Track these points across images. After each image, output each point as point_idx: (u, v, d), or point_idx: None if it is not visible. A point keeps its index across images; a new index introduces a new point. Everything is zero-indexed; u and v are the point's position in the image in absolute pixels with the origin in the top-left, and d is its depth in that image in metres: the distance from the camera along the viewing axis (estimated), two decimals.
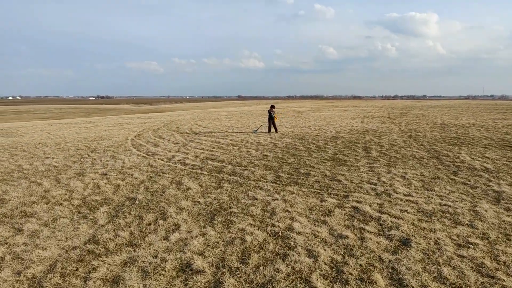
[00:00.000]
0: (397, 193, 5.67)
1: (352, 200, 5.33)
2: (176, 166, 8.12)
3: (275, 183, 6.51)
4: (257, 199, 5.45)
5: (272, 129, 15.27)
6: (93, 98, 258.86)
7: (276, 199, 5.42)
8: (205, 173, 7.40)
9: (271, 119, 15.06)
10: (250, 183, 6.50)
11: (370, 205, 5.03)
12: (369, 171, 7.46)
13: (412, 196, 5.52)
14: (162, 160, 9.07)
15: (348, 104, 58.23)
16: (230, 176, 7.11)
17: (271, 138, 13.32)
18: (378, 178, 6.78)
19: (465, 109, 35.28)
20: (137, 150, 10.89)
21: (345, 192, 5.82)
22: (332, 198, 5.46)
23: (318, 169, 7.73)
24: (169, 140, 13.22)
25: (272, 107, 15.26)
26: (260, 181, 6.66)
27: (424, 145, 10.95)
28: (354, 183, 6.43)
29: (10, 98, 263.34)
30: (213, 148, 10.96)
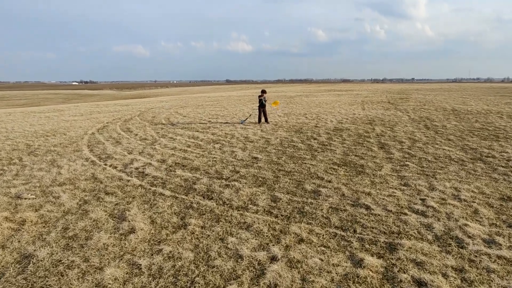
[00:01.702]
0: (471, 238, 3.47)
1: (406, 258, 3.11)
2: (129, 180, 5.72)
3: (271, 213, 4.23)
4: (241, 258, 3.16)
5: (263, 119, 12.90)
6: (77, 83, 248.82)
7: (275, 258, 3.15)
8: (167, 193, 5.04)
9: (262, 107, 12.65)
10: (231, 215, 4.20)
11: (445, 276, 2.82)
12: (402, 185, 5.26)
13: (500, 246, 3.33)
14: (116, 167, 6.65)
15: (340, 88, 55.98)
16: (203, 199, 4.79)
17: (261, 130, 10.98)
18: (423, 200, 4.59)
19: (465, 92, 33.51)
20: (90, 150, 8.40)
21: (386, 235, 3.60)
22: (369, 253, 3.22)
23: (330, 182, 5.48)
24: (136, 135, 10.71)
25: (263, 92, 12.83)
26: (247, 209, 4.37)
27: (452, 140, 8.81)
28: (391, 211, 4.21)
29: None
30: (189, 146, 8.55)
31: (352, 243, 3.42)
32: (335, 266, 2.98)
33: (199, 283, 2.77)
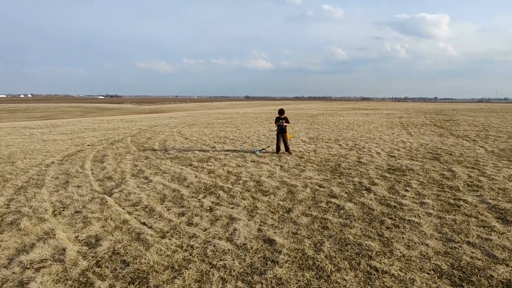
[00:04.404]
0: None
1: None
2: None
3: None
4: None
5: (282, 147, 9.46)
6: (102, 97, 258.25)
7: None
8: None
9: (282, 132, 9.24)
10: None
11: None
12: None
13: None
14: None
15: (365, 107, 51.95)
16: None
17: (281, 168, 7.51)
18: None
19: None
20: (2, 205, 5.21)
21: None
22: None
23: None
24: (103, 169, 7.52)
25: (281, 112, 9.36)
26: None
27: None
28: None
29: (22, 96, 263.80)
30: (162, 200, 5.20)
31: None
32: None
33: None
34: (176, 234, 3.93)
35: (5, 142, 12.64)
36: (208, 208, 4.85)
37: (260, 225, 4.21)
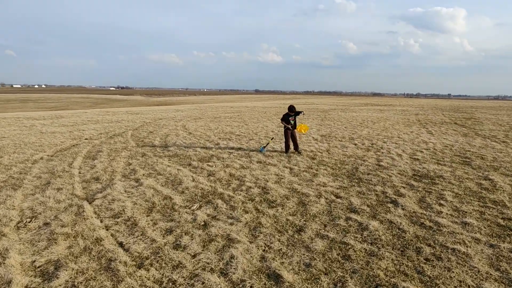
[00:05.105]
0: None
1: None
2: None
3: None
4: None
5: (291, 145, 8.55)
6: (114, 89, 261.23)
7: None
8: None
9: (290, 129, 8.32)
10: None
11: None
12: None
13: None
14: None
15: (378, 102, 50.29)
16: None
17: (290, 170, 6.62)
18: None
19: None
20: None
21: None
22: None
23: None
24: (93, 168, 6.77)
25: (291, 109, 8.30)
26: None
27: None
28: None
29: (36, 86, 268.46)
30: (150, 210, 4.39)
31: None
32: None
33: None
34: (157, 261, 3.11)
35: (1, 134, 12.06)
36: (202, 223, 4.02)
37: (264, 250, 3.36)
